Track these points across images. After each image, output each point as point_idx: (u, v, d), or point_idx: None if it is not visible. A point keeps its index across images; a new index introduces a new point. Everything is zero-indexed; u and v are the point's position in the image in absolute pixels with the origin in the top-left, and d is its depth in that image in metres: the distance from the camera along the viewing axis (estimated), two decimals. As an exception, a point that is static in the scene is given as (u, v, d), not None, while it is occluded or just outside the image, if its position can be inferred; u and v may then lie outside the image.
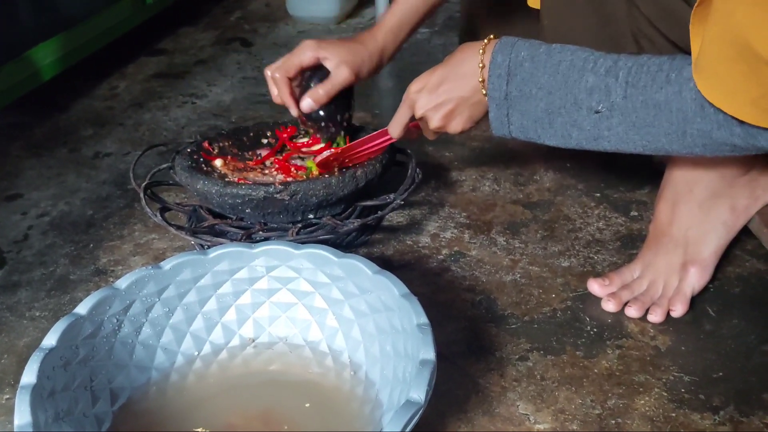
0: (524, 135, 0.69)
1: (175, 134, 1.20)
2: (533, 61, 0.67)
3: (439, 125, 0.76)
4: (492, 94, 0.69)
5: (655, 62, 0.61)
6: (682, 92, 0.59)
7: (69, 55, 1.26)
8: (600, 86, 0.63)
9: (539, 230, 0.91)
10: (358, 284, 0.66)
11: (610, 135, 0.64)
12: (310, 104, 0.86)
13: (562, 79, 0.65)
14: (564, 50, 0.66)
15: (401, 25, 0.88)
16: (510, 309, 0.77)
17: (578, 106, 0.64)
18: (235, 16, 1.76)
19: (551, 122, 0.66)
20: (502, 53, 0.68)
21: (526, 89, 0.67)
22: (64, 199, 1.02)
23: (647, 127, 0.62)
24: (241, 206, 0.83)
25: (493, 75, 0.68)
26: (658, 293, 0.76)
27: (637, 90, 0.61)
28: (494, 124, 0.71)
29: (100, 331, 0.62)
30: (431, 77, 0.75)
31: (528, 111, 0.67)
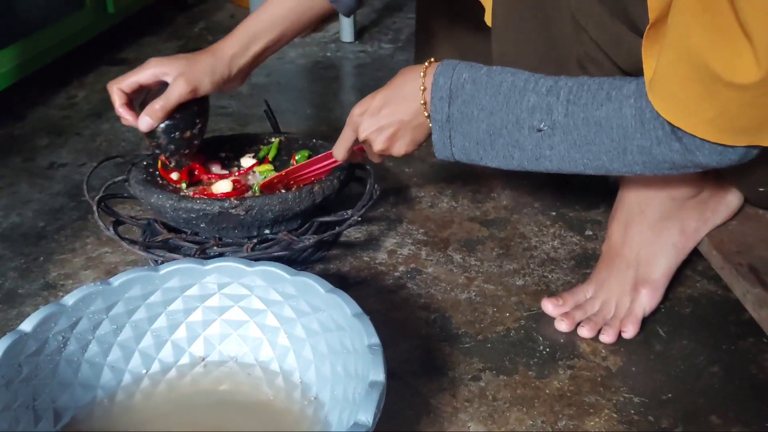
0: (467, 157, 0.70)
1: (134, 146, 1.18)
2: (474, 82, 0.67)
3: (382, 148, 0.75)
4: (434, 116, 0.69)
5: (596, 81, 0.63)
6: (622, 109, 0.60)
7: (27, 63, 1.24)
8: (542, 105, 0.64)
9: (495, 248, 0.91)
10: (311, 303, 0.66)
11: (551, 154, 0.65)
12: (147, 121, 0.81)
13: (503, 99, 0.66)
14: (505, 72, 0.67)
15: (254, 37, 0.84)
16: (464, 328, 0.77)
17: (520, 125, 0.65)
18: (199, 26, 1.75)
19: (493, 143, 0.67)
20: (444, 75, 0.68)
21: (467, 111, 0.67)
22: (16, 210, 1.00)
23: (588, 144, 0.63)
24: (195, 221, 0.83)
25: (435, 97, 0.68)
26: (611, 314, 0.76)
27: (578, 107, 0.62)
28: (437, 146, 0.71)
29: (45, 349, 0.61)
30: (373, 100, 0.74)
31: (470, 133, 0.68)
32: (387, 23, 1.79)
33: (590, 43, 0.67)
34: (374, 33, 1.73)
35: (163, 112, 0.81)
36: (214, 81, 0.83)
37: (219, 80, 0.83)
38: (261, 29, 0.84)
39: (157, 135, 0.83)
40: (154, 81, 0.82)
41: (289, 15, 0.85)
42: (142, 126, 0.82)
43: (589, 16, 0.66)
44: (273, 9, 0.84)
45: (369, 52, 1.61)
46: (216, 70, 0.82)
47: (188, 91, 0.81)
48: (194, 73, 0.81)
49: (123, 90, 0.82)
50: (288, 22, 0.85)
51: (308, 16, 0.86)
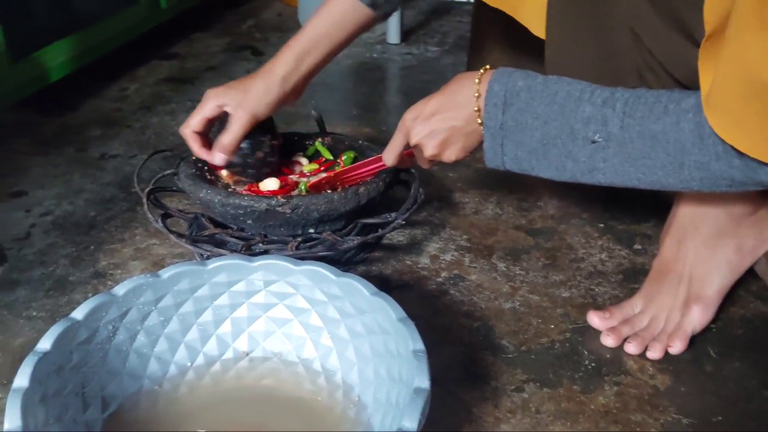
0: (518, 166, 0.69)
1: (181, 139, 1.18)
2: (530, 91, 0.66)
3: (433, 154, 0.75)
4: (487, 123, 0.68)
5: (653, 94, 0.61)
6: (680, 123, 0.59)
7: (82, 55, 1.26)
8: (597, 116, 0.63)
9: (541, 258, 0.90)
10: (355, 304, 0.66)
11: (605, 167, 0.64)
12: (220, 157, 0.85)
13: (558, 109, 0.65)
14: (561, 81, 0.66)
15: (303, 54, 0.86)
16: (507, 338, 0.77)
17: (574, 136, 0.64)
18: (248, 24, 1.76)
19: (546, 153, 0.66)
20: (499, 83, 0.68)
21: (522, 119, 0.66)
22: (68, 199, 1.02)
23: (643, 158, 0.61)
24: (242, 217, 0.83)
25: (489, 104, 0.68)
26: (659, 329, 0.75)
27: (635, 120, 0.61)
28: (488, 154, 0.70)
29: (95, 337, 0.62)
30: (426, 106, 0.74)
31: (523, 141, 0.67)
32: (434, 26, 1.79)
33: (647, 54, 0.66)
34: (421, 35, 1.72)
35: (231, 145, 0.85)
36: (270, 104, 0.85)
37: (274, 102, 0.86)
38: (308, 46, 0.86)
39: (233, 165, 0.87)
40: (218, 112, 0.86)
41: (333, 28, 0.86)
42: (217, 162, 0.86)
43: (646, 26, 0.65)
44: (318, 24, 0.86)
45: (415, 54, 1.61)
46: (270, 93, 0.85)
47: (248, 120, 0.84)
48: (250, 101, 0.84)
49: (195, 131, 0.86)
50: (334, 36, 0.87)
51: (352, 26, 0.87)
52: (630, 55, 0.68)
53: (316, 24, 0.86)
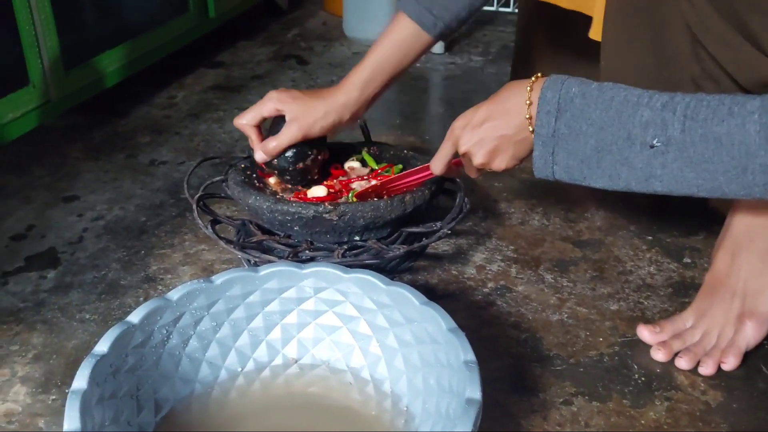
0: (569, 176, 0.67)
1: (229, 147, 1.22)
2: (584, 97, 0.65)
3: (483, 162, 0.75)
4: (539, 131, 0.67)
5: (715, 97, 0.60)
6: (745, 124, 0.57)
7: (133, 63, 1.29)
8: (656, 120, 0.61)
9: (588, 270, 0.89)
10: (405, 313, 0.66)
11: (663, 173, 0.62)
12: (261, 156, 0.89)
13: (615, 114, 0.63)
14: (617, 87, 0.65)
15: (370, 81, 0.89)
16: (556, 350, 0.76)
17: (631, 141, 0.63)
18: (293, 33, 1.78)
19: (599, 161, 0.65)
20: (552, 89, 0.67)
21: (575, 126, 0.65)
22: (119, 204, 1.04)
23: (705, 163, 0.60)
24: (290, 223, 0.84)
25: (542, 111, 0.67)
26: (711, 344, 0.74)
27: (697, 123, 0.59)
28: (537, 164, 0.69)
29: (150, 341, 0.63)
30: (476, 114, 0.74)
31: (576, 150, 0.66)
32: (477, 36, 1.79)
33: (708, 60, 0.65)
34: (464, 45, 1.73)
35: (275, 151, 0.88)
36: (325, 127, 0.89)
37: (329, 126, 0.89)
38: (372, 74, 0.89)
39: (273, 166, 0.90)
40: (274, 114, 0.89)
41: (396, 55, 0.89)
42: (257, 158, 0.89)
43: (708, 31, 0.64)
44: (381, 52, 0.89)
45: (459, 64, 1.61)
46: (328, 117, 0.88)
47: (299, 137, 0.88)
48: (307, 119, 0.87)
49: (252, 122, 0.89)
50: (396, 63, 0.89)
51: (415, 52, 0.90)
52: (687, 64, 0.67)
53: (380, 51, 0.89)
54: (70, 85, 1.15)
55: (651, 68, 0.71)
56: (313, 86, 1.47)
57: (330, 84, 1.48)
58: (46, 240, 0.95)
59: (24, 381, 0.72)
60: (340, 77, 1.50)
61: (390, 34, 0.89)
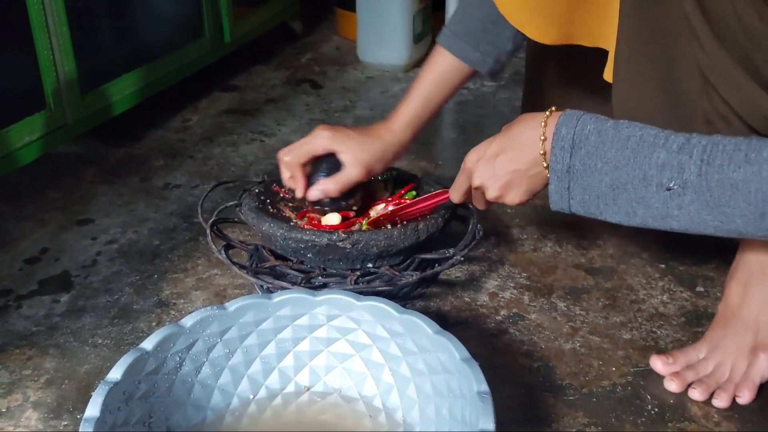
0: (585, 210, 0.68)
1: (243, 171, 1.23)
2: (600, 134, 0.65)
3: (496, 196, 0.75)
4: (554, 167, 0.67)
5: (731, 141, 0.60)
6: (762, 172, 0.57)
7: (148, 86, 1.31)
8: (672, 163, 0.61)
9: (601, 298, 0.89)
10: (418, 342, 0.66)
11: (680, 214, 0.62)
12: (318, 195, 0.87)
13: (630, 154, 0.63)
14: (632, 126, 0.65)
15: (418, 117, 0.90)
16: (568, 379, 0.76)
17: (647, 182, 0.63)
18: (306, 57, 1.80)
19: (616, 198, 0.65)
20: (567, 125, 0.67)
21: (590, 163, 0.66)
22: (133, 228, 1.05)
23: (722, 207, 0.60)
24: (303, 250, 0.84)
25: (557, 147, 0.67)
26: (725, 377, 0.73)
27: (713, 168, 0.60)
28: (553, 197, 0.69)
29: (163, 368, 0.63)
30: (489, 147, 0.74)
31: (591, 186, 0.66)
32: (489, 61, 1.80)
33: (720, 102, 0.65)
34: (476, 70, 1.73)
35: (337, 192, 0.87)
36: (384, 165, 0.90)
37: (387, 164, 0.91)
38: (420, 111, 0.91)
39: (323, 204, 0.89)
40: (326, 153, 0.88)
41: (441, 91, 0.91)
42: (312, 196, 0.88)
43: (721, 74, 0.64)
44: (427, 88, 0.91)
45: (471, 89, 1.62)
46: (386, 155, 0.89)
47: (364, 178, 0.88)
48: (370, 160, 0.88)
49: (299, 159, 0.88)
50: (442, 97, 0.92)
51: (457, 86, 0.92)
52: (699, 103, 0.67)
53: (426, 87, 0.91)
54: (86, 109, 1.17)
55: (663, 106, 0.71)
56: (327, 110, 1.48)
57: (344, 108, 1.49)
58: (59, 263, 0.96)
59: (36, 406, 0.73)
60: (354, 102, 1.53)
61: (433, 68, 0.90)
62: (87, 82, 1.16)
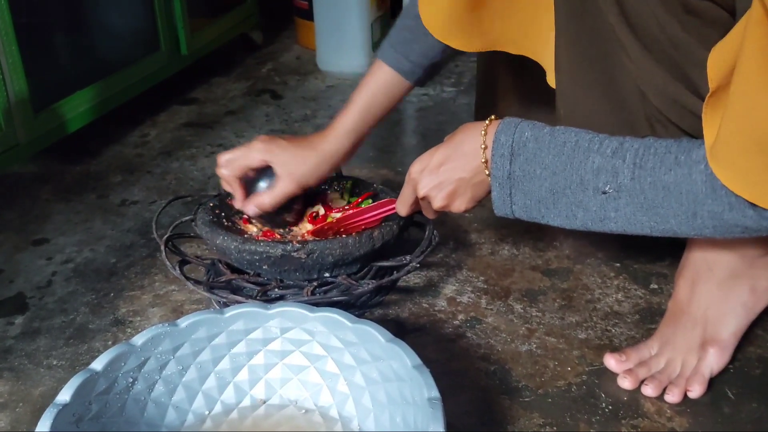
0: (527, 215, 0.69)
1: (201, 184, 1.22)
2: (537, 141, 0.67)
3: (442, 205, 0.76)
4: (495, 174, 0.69)
5: (662, 144, 0.61)
6: (692, 174, 0.59)
7: (104, 102, 1.30)
8: (607, 167, 0.63)
9: (557, 299, 0.90)
10: (371, 351, 0.66)
11: (617, 216, 0.64)
12: (254, 210, 0.88)
13: (567, 159, 0.65)
14: (568, 131, 0.66)
15: (356, 128, 0.89)
16: (524, 381, 0.77)
17: (584, 186, 0.64)
18: (267, 67, 1.80)
19: (556, 203, 0.66)
20: (506, 133, 0.68)
21: (529, 169, 0.67)
22: (89, 246, 1.04)
23: (656, 208, 0.61)
24: (258, 263, 0.84)
25: (496, 155, 0.68)
26: (676, 372, 0.74)
27: (645, 171, 0.61)
28: (496, 203, 0.70)
29: (114, 388, 0.63)
30: (432, 158, 0.75)
31: (531, 191, 0.67)
32: (449, 67, 1.81)
33: (652, 107, 0.67)
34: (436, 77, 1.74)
35: (271, 206, 0.87)
36: (320, 177, 0.89)
37: (322, 176, 0.90)
38: (358, 121, 0.90)
39: (262, 219, 0.90)
40: (263, 165, 0.88)
41: (379, 101, 0.90)
42: (248, 212, 0.88)
43: (650, 82, 0.66)
44: (364, 99, 0.90)
45: (431, 95, 1.63)
46: (320, 167, 0.89)
47: (296, 191, 0.88)
48: (302, 172, 0.87)
49: (235, 172, 0.88)
50: (380, 108, 0.90)
51: (396, 96, 0.91)
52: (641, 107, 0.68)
53: (364, 98, 0.90)
54: (39, 128, 1.15)
55: (608, 111, 0.72)
56: (287, 120, 1.48)
57: (304, 117, 1.49)
58: (14, 285, 0.95)
59: (-11, 431, 0.72)
60: (314, 111, 1.53)
61: (371, 80, 0.90)
62: (39, 101, 1.15)
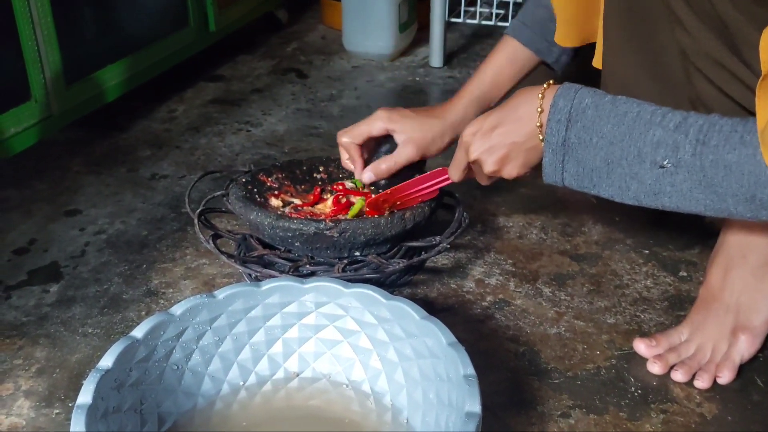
0: (578, 184, 0.68)
1: (230, 161, 1.23)
2: (597, 108, 0.65)
3: (493, 170, 0.75)
4: (549, 139, 0.67)
5: (728, 122, 0.60)
6: (756, 155, 0.58)
7: (133, 77, 1.31)
8: (668, 141, 0.62)
9: (586, 284, 0.90)
10: (405, 328, 0.67)
11: (672, 191, 0.63)
12: (370, 177, 0.87)
13: (626, 130, 0.64)
14: (630, 102, 0.65)
15: (482, 97, 0.89)
16: (553, 363, 0.77)
17: (641, 159, 0.63)
18: (292, 46, 1.80)
19: (609, 173, 0.65)
20: (564, 98, 0.67)
21: (586, 137, 0.65)
22: (121, 218, 1.05)
23: (714, 187, 0.60)
24: (291, 239, 0.85)
25: (553, 120, 0.67)
26: (706, 358, 0.75)
27: (708, 149, 0.60)
28: (547, 170, 0.69)
29: (153, 356, 0.64)
30: (486, 120, 0.74)
31: (585, 159, 0.66)
32: (476, 49, 1.81)
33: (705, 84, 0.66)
34: (462, 59, 1.74)
35: (388, 172, 0.87)
36: (442, 147, 0.89)
37: (445, 146, 0.89)
38: (484, 94, 0.90)
39: (379, 186, 0.89)
40: (384, 134, 0.87)
41: (507, 76, 0.91)
42: (365, 179, 0.88)
43: (706, 55, 0.65)
44: (493, 72, 0.91)
45: (457, 77, 1.63)
46: (444, 137, 0.88)
47: (418, 157, 0.87)
48: (425, 140, 0.86)
49: (356, 140, 0.88)
50: (506, 84, 0.91)
51: (522, 70, 0.91)
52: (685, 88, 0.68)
53: (492, 71, 0.90)
54: (72, 100, 1.16)
55: (653, 92, 0.71)
56: (313, 99, 1.49)
57: (330, 97, 1.50)
58: (48, 254, 0.96)
59: (27, 395, 0.73)
60: (340, 91, 1.53)
61: (501, 53, 0.90)
62: (72, 73, 1.16)
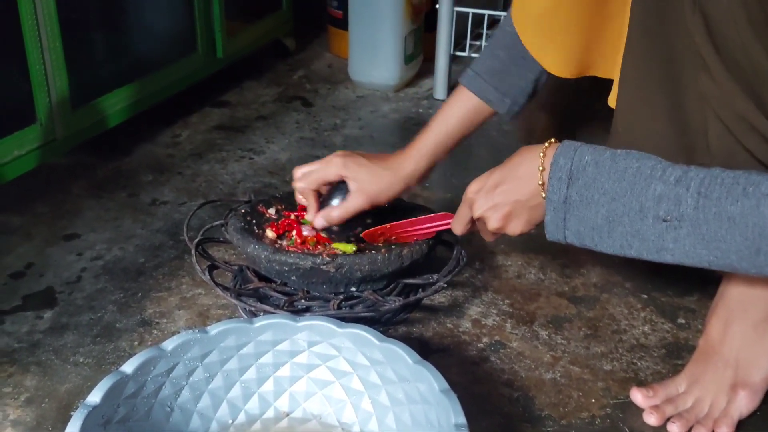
0: (580, 241, 0.68)
1: (231, 188, 1.23)
2: (597, 165, 0.65)
3: (497, 227, 0.75)
4: (551, 197, 0.67)
5: (730, 175, 0.59)
6: (759, 206, 0.57)
7: (140, 101, 1.31)
8: (669, 195, 0.61)
9: (583, 327, 0.90)
10: (397, 371, 0.66)
11: (675, 247, 0.62)
12: (321, 223, 0.88)
13: (627, 185, 0.63)
14: (630, 156, 0.65)
15: (434, 151, 0.90)
16: (548, 410, 0.76)
17: (644, 214, 0.63)
18: (298, 74, 1.81)
19: (611, 231, 0.65)
20: (565, 156, 0.67)
21: (587, 194, 0.66)
22: (119, 244, 1.05)
23: (717, 241, 0.60)
24: (287, 273, 0.85)
25: (554, 178, 0.67)
26: (704, 412, 0.74)
27: (710, 201, 0.59)
28: (549, 228, 0.69)
29: (142, 391, 0.63)
30: (489, 178, 0.75)
31: (587, 217, 0.66)
32: (481, 83, 1.81)
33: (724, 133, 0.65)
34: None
35: (339, 220, 0.88)
36: (390, 196, 0.90)
37: (394, 196, 0.90)
38: (437, 145, 0.91)
39: (329, 231, 0.90)
40: (338, 179, 0.89)
41: (460, 127, 0.91)
42: (317, 225, 0.89)
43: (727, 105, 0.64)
44: (445, 124, 0.91)
45: (462, 111, 1.63)
46: (393, 187, 0.89)
47: (367, 206, 0.88)
48: (374, 189, 0.88)
49: (311, 186, 0.89)
50: (460, 134, 0.92)
51: (477, 123, 0.92)
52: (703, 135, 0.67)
53: (445, 123, 0.91)
54: (77, 124, 1.17)
55: (669, 135, 0.71)
56: (317, 128, 1.49)
57: (333, 127, 1.50)
58: (44, 279, 0.96)
59: (15, 424, 0.72)
60: (344, 120, 1.53)
61: (454, 105, 0.91)
62: (78, 97, 1.16)
